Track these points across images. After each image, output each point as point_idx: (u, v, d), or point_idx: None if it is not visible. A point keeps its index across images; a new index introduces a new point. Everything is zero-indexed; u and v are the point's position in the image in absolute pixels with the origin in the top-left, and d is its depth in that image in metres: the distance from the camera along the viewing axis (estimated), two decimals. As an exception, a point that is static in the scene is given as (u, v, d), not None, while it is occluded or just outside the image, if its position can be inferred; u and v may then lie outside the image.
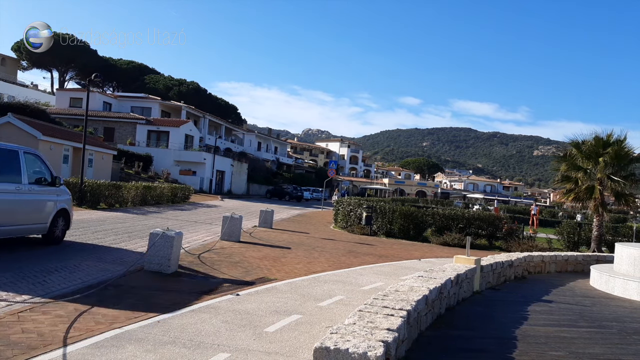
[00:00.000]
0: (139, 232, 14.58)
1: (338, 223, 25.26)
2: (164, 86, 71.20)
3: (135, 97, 57.08)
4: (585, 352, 6.35)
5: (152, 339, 5.41)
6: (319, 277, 10.31)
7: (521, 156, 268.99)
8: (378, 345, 3.92)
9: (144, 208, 23.74)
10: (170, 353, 5.03)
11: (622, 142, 20.40)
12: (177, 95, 67.26)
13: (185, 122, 52.35)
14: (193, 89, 73.43)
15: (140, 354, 4.96)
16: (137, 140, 48.26)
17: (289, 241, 16.53)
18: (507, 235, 22.05)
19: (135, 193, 24.29)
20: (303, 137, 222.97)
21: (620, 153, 20.20)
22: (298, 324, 6.51)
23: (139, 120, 49.76)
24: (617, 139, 20.45)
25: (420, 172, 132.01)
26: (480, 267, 10.05)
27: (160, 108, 56.13)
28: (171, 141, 48.72)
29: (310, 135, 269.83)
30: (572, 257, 15.85)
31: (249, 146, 72.90)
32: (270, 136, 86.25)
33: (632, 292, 11.26)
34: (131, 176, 36.96)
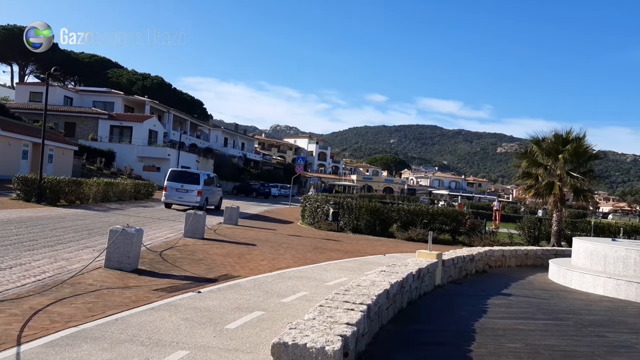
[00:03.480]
0: (99, 230, 14.28)
1: (305, 219, 25.26)
2: (127, 80, 69.84)
3: (98, 92, 55.83)
4: (541, 343, 6.51)
5: (109, 337, 5.30)
6: (284, 273, 10.29)
7: (485, 153, 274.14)
8: (336, 339, 3.92)
9: (105, 205, 23.25)
10: (127, 351, 4.94)
11: (581, 140, 20.97)
12: (141, 90, 66.06)
13: (149, 117, 51.50)
14: (157, 84, 72.25)
15: (96, 352, 4.86)
16: (99, 136, 47.26)
17: (254, 238, 16.44)
18: (470, 231, 22.44)
19: (96, 189, 23.77)
20: (271, 133, 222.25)
21: (579, 150, 20.78)
22: (260, 320, 6.48)
23: (101, 115, 48.71)
24: (577, 137, 21.02)
25: (388, 168, 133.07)
26: (442, 262, 10.20)
27: (123, 103, 55.05)
28: (134, 137, 47.87)
29: (278, 131, 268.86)
30: (532, 251, 16.23)
31: (215, 142, 72.15)
32: (237, 132, 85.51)
33: (588, 285, 11.59)
34: (93, 172, 36.19)
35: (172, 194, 24.47)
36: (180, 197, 24.37)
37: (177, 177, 24.95)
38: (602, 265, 11.91)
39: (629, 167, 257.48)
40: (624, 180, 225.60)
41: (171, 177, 24.85)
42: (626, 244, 12.88)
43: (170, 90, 75.84)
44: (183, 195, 24.39)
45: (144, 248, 10.44)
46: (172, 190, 24.48)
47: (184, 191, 24.38)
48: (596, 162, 23.34)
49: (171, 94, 74.25)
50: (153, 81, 72.46)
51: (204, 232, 14.97)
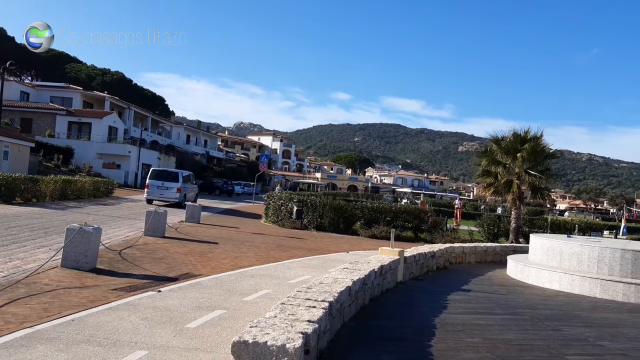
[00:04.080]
0: (56, 228, 13.89)
1: (269, 217, 25.17)
2: (86, 76, 68.14)
3: (55, 87, 54.28)
4: (499, 337, 6.66)
5: (65, 338, 5.17)
6: (246, 271, 10.22)
7: (447, 152, 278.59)
8: (297, 337, 3.92)
9: (63, 203, 22.63)
10: (84, 352, 4.82)
11: (539, 139, 21.53)
12: (101, 86, 64.57)
13: (109, 114, 50.38)
14: (117, 79, 70.75)
15: (52, 353, 4.72)
16: (57, 132, 45.97)
17: (216, 236, 16.29)
18: (432, 228, 22.79)
19: (54, 187, 23.10)
20: (234, 130, 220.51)
21: (537, 149, 21.32)
22: (221, 319, 6.42)
23: (58, 110, 47.37)
24: (534, 136, 21.56)
25: (352, 166, 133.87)
26: (403, 259, 10.32)
27: (82, 98, 53.71)
28: (94, 133, 46.74)
29: (242, 128, 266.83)
30: (491, 248, 16.59)
31: (177, 139, 71.17)
32: (200, 129, 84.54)
33: (544, 281, 11.93)
34: (50, 169, 35.13)
35: (154, 191, 26.92)
36: (161, 193, 27.04)
37: (158, 176, 27.45)
38: (557, 261, 12.27)
39: (584, 165, 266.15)
40: (579, 179, 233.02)
41: (152, 176, 27.28)
42: (581, 241, 13.31)
43: (131, 86, 74.40)
44: (164, 192, 26.95)
45: (103, 247, 10.21)
46: (153, 187, 26.92)
47: (165, 188, 26.94)
48: (553, 160, 23.97)
49: (132, 89, 72.85)
50: (113, 76, 70.92)
51: (165, 230, 14.74)
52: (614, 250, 11.35)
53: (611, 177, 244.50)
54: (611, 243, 13.42)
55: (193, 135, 77.67)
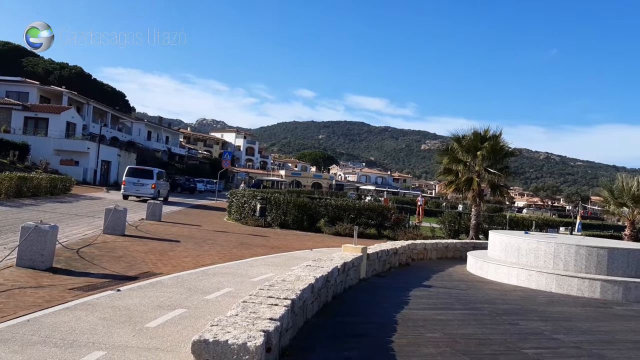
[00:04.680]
0: (11, 226, 13.43)
1: (232, 215, 24.97)
2: (43, 70, 66.11)
3: (11, 81, 52.42)
4: (459, 332, 6.78)
5: (19, 339, 5.01)
6: (208, 270, 10.11)
7: (410, 150, 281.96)
8: (259, 335, 3.90)
9: (18, 200, 21.91)
10: (40, 353, 4.68)
11: (498, 138, 22.01)
12: (59, 80, 62.72)
13: (67, 109, 49.02)
14: (76, 74, 68.87)
15: (6, 355, 4.57)
16: (13, 128, 44.47)
17: (178, 234, 16.06)
18: (395, 225, 23.04)
19: (8, 184, 22.33)
20: (197, 127, 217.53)
21: (496, 147, 21.80)
22: (182, 318, 6.34)
23: (14, 105, 45.82)
24: (494, 134, 22.04)
25: (316, 164, 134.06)
26: (366, 256, 10.40)
27: (38, 93, 52.10)
28: (51, 129, 45.39)
29: (204, 125, 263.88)
30: (452, 244, 16.88)
31: (137, 135, 69.79)
32: (161, 125, 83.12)
33: (502, 276, 12.21)
34: (5, 166, 33.92)
35: (130, 187, 28.97)
36: (137, 189, 29.05)
37: (134, 173, 29.61)
38: (515, 257, 12.58)
39: (542, 164, 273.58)
40: (537, 177, 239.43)
41: (129, 173, 29.43)
42: (538, 237, 13.68)
43: (90, 81, 72.56)
44: (139, 188, 28.96)
45: (60, 245, 9.94)
46: (129, 184, 28.98)
47: (140, 185, 28.98)
48: (512, 159, 24.54)
49: (91, 84, 71.06)
50: (71, 71, 69.01)
51: (124, 228, 14.45)
52: (569, 247, 11.71)
53: (567, 175, 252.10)
54: (566, 239, 13.84)
55: (154, 132, 76.28)
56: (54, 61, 70.72)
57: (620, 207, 21.90)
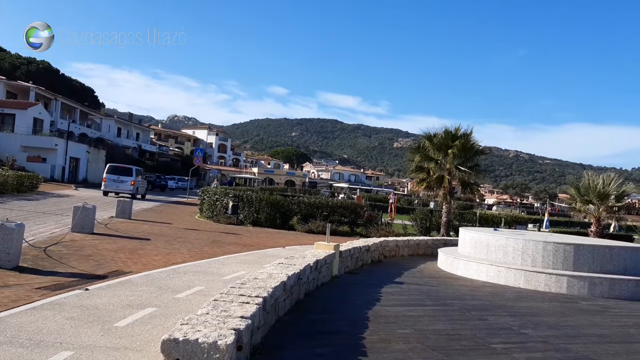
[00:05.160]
0: (-26, 225, 13.06)
1: (203, 213, 24.75)
2: (9, 65, 64.33)
3: (-25, 76, 50.99)
4: (430, 328, 6.86)
5: (-17, 341, 4.88)
6: (179, 268, 10.00)
7: (383, 148, 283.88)
8: (229, 333, 3.88)
9: (-18, 198, 21.33)
10: (5, 354, 4.57)
11: (469, 136, 22.31)
12: (25, 75, 61.11)
13: (34, 105, 47.83)
14: (44, 69, 67.22)
15: (-31, 357, 4.45)
16: (-23, 123, 43.23)
17: (148, 232, 15.84)
18: (368, 222, 23.15)
19: (-29, 181, 21.73)
20: (168, 123, 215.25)
21: (467, 145, 22.09)
22: (152, 317, 6.25)
23: (-22, 101, 44.55)
24: (464, 133, 22.33)
25: (289, 161, 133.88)
26: (339, 253, 10.43)
27: (5, 88, 50.70)
28: (17, 125, 44.22)
29: (176, 122, 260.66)
30: (423, 241, 17.06)
31: (107, 132, 68.57)
32: (132, 122, 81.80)
33: (472, 272, 12.39)
34: (-32, 163, 33.00)
35: (110, 184, 30.36)
36: (117, 186, 30.50)
37: (114, 171, 31.03)
38: (485, 253, 12.78)
39: (511, 162, 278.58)
40: (506, 175, 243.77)
41: (109, 171, 30.88)
42: (506, 234, 13.92)
43: (58, 76, 70.94)
44: (119, 184, 30.41)
45: (26, 244, 9.71)
46: (110, 181, 30.37)
47: (120, 182, 30.39)
48: (482, 157, 24.90)
49: (59, 80, 69.48)
50: (39, 66, 67.30)
51: (93, 226, 14.19)
52: (537, 243, 11.95)
53: (536, 173, 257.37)
54: (534, 236, 14.12)
55: (124, 128, 75.05)
56: (21, 56, 68.88)
57: (587, 205, 22.43)
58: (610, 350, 6.53)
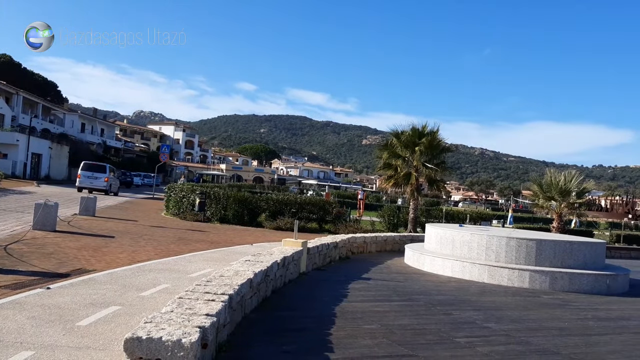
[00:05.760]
0: None
1: (170, 210, 24.43)
2: (-32, 58, 62.22)
3: None
4: (395, 323, 6.94)
5: (-62, 343, 4.72)
6: (144, 266, 9.86)
7: (352, 145, 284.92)
8: (194, 331, 3.85)
9: (-62, 195, 20.61)
10: (-40, 357, 4.43)
11: (435, 134, 22.58)
12: (-15, 69, 59.26)
13: (-6, 99, 46.48)
14: (5, 63, 65.17)
15: None
16: None
17: (113, 230, 15.56)
18: (336, 219, 23.24)
19: None
20: (134, 119, 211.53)
21: (433, 143, 22.35)
22: (116, 315, 6.15)
23: None
24: (431, 130, 22.59)
25: (258, 158, 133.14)
26: (307, 249, 10.44)
27: (-37, 82, 49.07)
28: (-24, 120, 42.94)
29: (142, 117, 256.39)
30: (391, 237, 17.21)
31: (70, 127, 67.05)
32: (96, 117, 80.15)
33: (438, 268, 12.57)
34: None
35: (85, 180, 31.91)
36: (91, 182, 32.10)
37: (89, 168, 32.57)
38: (450, 249, 12.98)
39: (477, 159, 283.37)
40: (472, 172, 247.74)
41: (84, 168, 32.33)
42: (471, 229, 14.17)
43: (20, 70, 68.83)
44: (93, 181, 32.08)
45: (-16, 243, 9.43)
46: (84, 177, 31.97)
47: (94, 178, 32.10)
48: (448, 154, 25.25)
49: (21, 74, 67.40)
50: (0, 60, 65.25)
51: (55, 224, 13.86)
52: (500, 239, 12.19)
53: (500, 170, 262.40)
54: (498, 232, 14.40)
55: (88, 124, 73.43)
56: (-21, 48, 66.71)
57: (549, 201, 22.99)
58: (570, 343, 6.72)
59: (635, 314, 9.37)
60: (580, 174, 23.70)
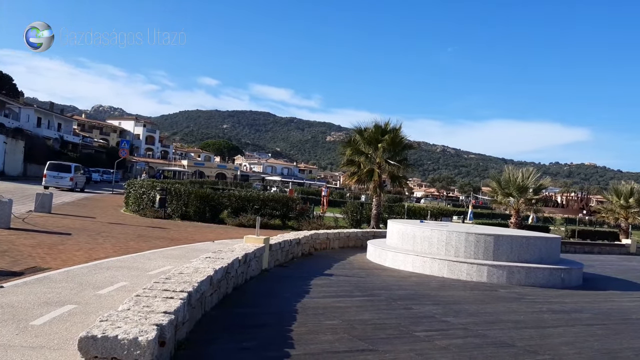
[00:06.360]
0: None
1: (129, 206, 23.96)
2: None
3: None
4: (356, 318, 6.99)
5: None
6: (102, 263, 9.64)
7: (316, 141, 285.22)
8: (151, 329, 3.79)
9: None
10: None
11: (398, 131, 22.82)
12: None
13: (-57, 91, 44.57)
14: (-46, 53, 62.65)
15: None
16: None
17: (70, 227, 15.16)
18: (299, 215, 23.24)
19: None
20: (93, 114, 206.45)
21: (396, 140, 22.60)
22: (71, 314, 6.01)
23: None
24: (394, 128, 22.82)
25: (221, 154, 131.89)
26: (269, 246, 10.41)
27: None
28: None
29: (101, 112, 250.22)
30: (354, 233, 17.32)
31: (26, 122, 64.80)
32: (53, 111, 77.77)
33: (399, 263, 12.72)
34: None
35: (50, 180, 32.84)
36: (57, 181, 33.10)
37: (55, 167, 33.56)
38: (411, 245, 13.15)
39: (439, 156, 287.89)
40: (434, 169, 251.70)
41: (50, 168, 33.32)
42: (432, 225, 14.39)
43: (-29, 62, 66.27)
44: (59, 180, 33.04)
45: None
46: (50, 177, 33.00)
47: (60, 177, 33.13)
48: (411, 151, 25.53)
49: (-28, 65, 64.89)
50: (-52, 49, 62.66)
51: (9, 220, 13.43)
52: (460, 234, 12.43)
53: (461, 167, 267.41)
54: (458, 227, 14.67)
55: (45, 118, 71.19)
56: None
57: (507, 197, 23.58)
58: (525, 335, 6.91)
59: (588, 307, 9.69)
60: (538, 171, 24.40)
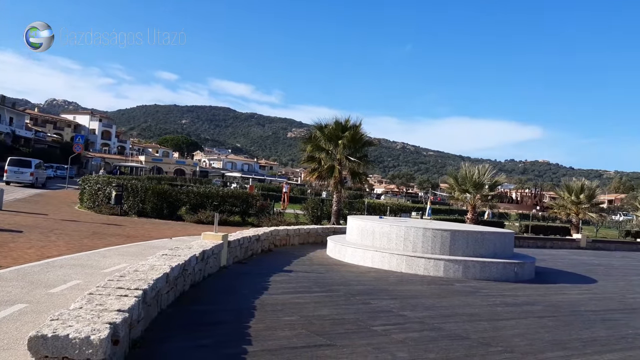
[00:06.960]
0: None
1: (84, 203, 23.37)
2: None
3: None
4: (315, 314, 7.02)
5: None
6: (54, 261, 9.38)
7: (276, 137, 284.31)
8: (104, 327, 3.72)
9: None
10: None
11: (358, 127, 22.97)
12: None
13: None
14: None
15: None
16: None
17: (21, 224, 14.67)
18: (260, 212, 23.16)
19: None
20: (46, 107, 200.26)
21: (356, 137, 22.73)
22: (22, 313, 5.83)
23: None
24: (354, 124, 22.95)
25: (179, 150, 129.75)
26: (227, 243, 10.34)
27: None
28: None
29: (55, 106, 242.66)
30: (314, 229, 17.37)
31: (-25, 115, 62.34)
32: (4, 105, 74.92)
33: (358, 259, 12.83)
34: None
35: (12, 175, 33.23)
36: (18, 177, 33.52)
37: (15, 163, 33.91)
38: (370, 240, 13.29)
39: (399, 153, 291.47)
40: (394, 165, 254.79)
41: (11, 163, 33.59)
42: (391, 221, 14.58)
43: None
44: (20, 175, 33.40)
45: None
46: (11, 172, 33.25)
47: (20, 173, 33.43)
48: (371, 148, 25.74)
49: None
50: None
51: (-45, 218, 12.91)
52: (417, 230, 12.63)
53: (421, 164, 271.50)
54: (416, 223, 14.90)
55: (-5, 112, 68.60)
56: None
57: (464, 194, 24.09)
58: (479, 328, 7.09)
59: (540, 299, 10.01)
60: (493, 168, 25.03)
